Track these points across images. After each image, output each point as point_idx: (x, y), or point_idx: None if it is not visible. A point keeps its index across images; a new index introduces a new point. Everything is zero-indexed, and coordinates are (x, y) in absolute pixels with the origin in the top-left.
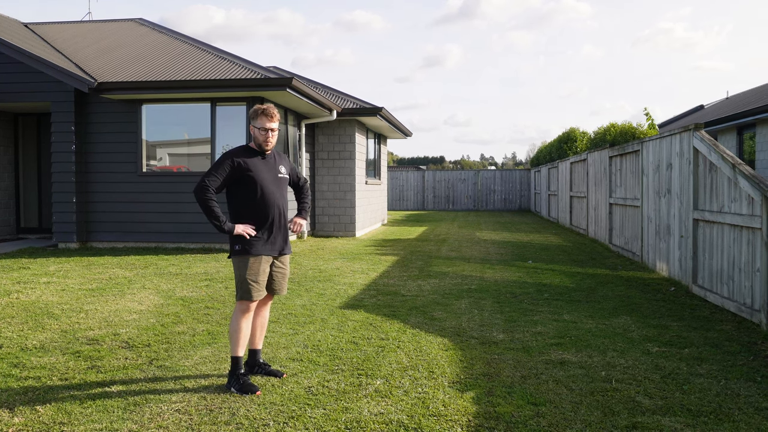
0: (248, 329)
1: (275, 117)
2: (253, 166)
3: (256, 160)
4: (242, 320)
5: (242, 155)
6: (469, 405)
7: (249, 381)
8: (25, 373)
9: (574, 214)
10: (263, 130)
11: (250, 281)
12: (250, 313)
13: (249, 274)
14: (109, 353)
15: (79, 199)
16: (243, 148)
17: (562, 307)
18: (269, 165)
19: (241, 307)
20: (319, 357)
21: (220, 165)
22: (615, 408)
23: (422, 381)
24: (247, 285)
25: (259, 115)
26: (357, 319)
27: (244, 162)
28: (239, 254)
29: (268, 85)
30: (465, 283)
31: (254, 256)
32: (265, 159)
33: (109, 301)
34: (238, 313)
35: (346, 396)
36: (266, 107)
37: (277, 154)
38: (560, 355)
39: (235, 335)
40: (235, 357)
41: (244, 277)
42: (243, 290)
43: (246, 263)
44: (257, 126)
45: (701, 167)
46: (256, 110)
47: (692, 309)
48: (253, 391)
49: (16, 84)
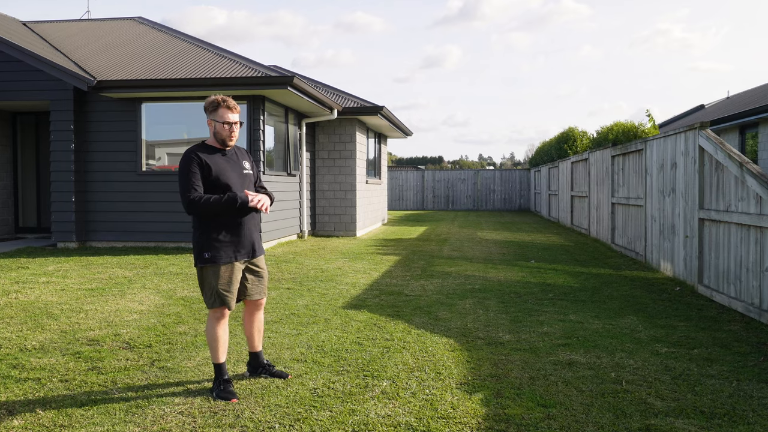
0: (226, 335)
1: (237, 108)
2: (216, 164)
3: (217, 158)
4: (218, 328)
5: (203, 153)
6: (478, 407)
7: (229, 388)
8: (25, 374)
9: (576, 213)
10: (226, 124)
11: (223, 291)
12: (225, 319)
13: (221, 284)
14: (110, 354)
15: (78, 199)
16: (201, 146)
17: (568, 307)
18: (232, 162)
19: (215, 315)
20: (323, 358)
21: (188, 171)
22: (627, 410)
23: (429, 382)
24: (220, 296)
25: (219, 107)
26: (361, 320)
27: (206, 161)
28: (209, 262)
29: (270, 83)
30: (468, 282)
31: (225, 265)
32: (227, 156)
33: (109, 301)
34: (212, 321)
35: (353, 398)
36: (226, 98)
37: (237, 150)
38: (568, 356)
39: (214, 344)
40: (217, 364)
41: (215, 288)
42: (217, 299)
43: (217, 273)
44: (218, 120)
45: (707, 166)
46: (214, 102)
47: (699, 309)
48: (228, 399)
49: (15, 82)
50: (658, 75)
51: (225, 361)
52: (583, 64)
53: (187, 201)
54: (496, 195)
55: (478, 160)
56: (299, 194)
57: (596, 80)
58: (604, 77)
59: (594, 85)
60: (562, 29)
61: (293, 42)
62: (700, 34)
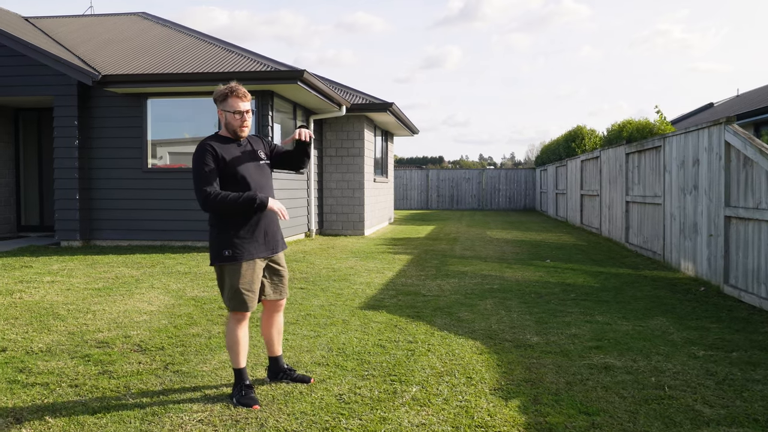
0: (246, 338)
1: (247, 96)
2: (231, 156)
3: (233, 149)
4: (238, 331)
5: (216, 143)
6: (516, 414)
7: (250, 394)
8: (32, 378)
9: (585, 212)
10: (237, 113)
11: (245, 291)
12: (246, 321)
13: (242, 284)
14: (121, 357)
15: (82, 196)
16: (215, 137)
17: (592, 307)
18: (247, 152)
19: (235, 317)
20: (345, 361)
21: (203, 164)
22: (675, 417)
23: (461, 388)
24: (242, 295)
25: (228, 97)
26: (380, 321)
27: (222, 153)
28: (229, 260)
29: (279, 78)
30: (486, 282)
31: (247, 261)
32: (241, 146)
33: (117, 302)
34: (233, 324)
35: (382, 404)
36: (234, 86)
37: (251, 139)
38: (602, 359)
39: (234, 348)
40: (237, 369)
41: (237, 287)
42: (237, 301)
43: (238, 271)
44: (228, 109)
45: (733, 162)
46: (222, 92)
47: (729, 310)
48: (249, 405)
49: (17, 77)
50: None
51: (246, 365)
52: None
53: (203, 196)
54: (501, 194)
55: (478, 160)
56: (307, 192)
57: (596, 81)
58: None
59: (594, 85)
60: (563, 30)
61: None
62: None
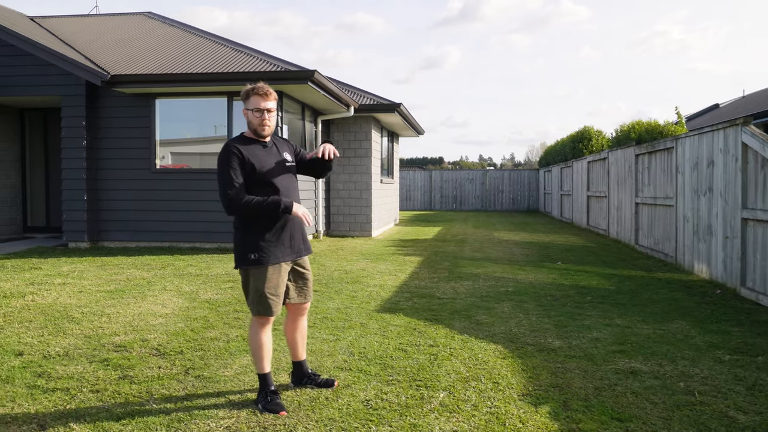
0: (270, 342)
1: (270, 94)
2: (257, 158)
3: (258, 151)
4: (262, 335)
5: (242, 145)
6: (548, 421)
7: (276, 400)
8: (52, 384)
9: (592, 214)
10: (257, 111)
11: (270, 295)
12: (269, 326)
13: (268, 288)
14: (140, 361)
15: (90, 197)
16: (240, 138)
17: (610, 310)
18: (273, 154)
19: (259, 321)
20: (368, 366)
21: (228, 167)
22: (710, 424)
23: (489, 393)
24: (267, 300)
25: (250, 96)
26: (398, 324)
27: (248, 156)
28: (255, 264)
29: (290, 78)
30: (500, 285)
31: (273, 265)
32: (267, 147)
33: (131, 304)
34: (256, 328)
35: (410, 411)
36: (257, 85)
37: (277, 141)
38: (628, 364)
39: (258, 352)
40: (262, 374)
41: (262, 291)
42: (262, 305)
43: (264, 275)
44: (250, 107)
45: (751, 164)
46: (246, 91)
47: (748, 313)
48: (276, 411)
49: (24, 77)
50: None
51: (270, 370)
52: (582, 66)
53: (227, 200)
54: (504, 195)
55: (478, 161)
56: (314, 193)
57: (595, 81)
58: (603, 78)
59: (593, 86)
60: (562, 31)
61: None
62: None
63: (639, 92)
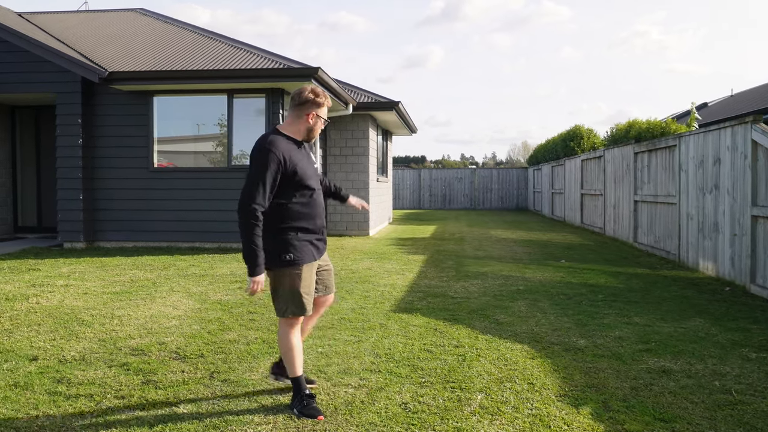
0: (300, 344)
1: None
2: (298, 160)
3: (296, 153)
4: (293, 336)
5: (285, 147)
6: (593, 422)
7: (313, 404)
8: (74, 390)
9: (586, 212)
10: (322, 119)
11: (305, 294)
12: (299, 326)
13: (303, 287)
14: (161, 365)
15: (86, 197)
16: (283, 138)
17: (625, 308)
18: (307, 156)
19: (289, 323)
20: (397, 368)
21: (265, 171)
22: (755, 424)
23: (526, 394)
24: (302, 299)
25: (323, 104)
26: (418, 324)
27: (290, 157)
28: (290, 265)
29: (293, 75)
30: (510, 283)
31: (308, 265)
32: (300, 149)
33: (140, 306)
34: (287, 329)
35: (451, 414)
36: (326, 93)
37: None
38: (658, 363)
39: (290, 354)
40: (295, 378)
41: (297, 291)
42: (296, 305)
43: (299, 275)
44: (322, 115)
45: (761, 161)
46: (315, 98)
47: (762, 310)
48: (314, 416)
49: (16, 74)
50: (636, 76)
51: (302, 373)
52: (563, 65)
53: (248, 208)
54: (493, 194)
55: (460, 160)
56: None
57: (576, 81)
58: (584, 78)
59: (573, 86)
60: (543, 30)
61: (277, 41)
62: (677, 37)
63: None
